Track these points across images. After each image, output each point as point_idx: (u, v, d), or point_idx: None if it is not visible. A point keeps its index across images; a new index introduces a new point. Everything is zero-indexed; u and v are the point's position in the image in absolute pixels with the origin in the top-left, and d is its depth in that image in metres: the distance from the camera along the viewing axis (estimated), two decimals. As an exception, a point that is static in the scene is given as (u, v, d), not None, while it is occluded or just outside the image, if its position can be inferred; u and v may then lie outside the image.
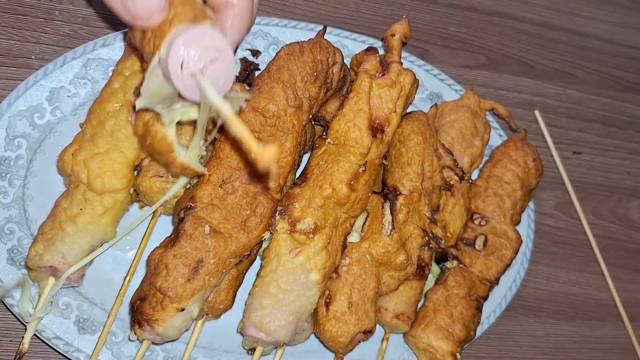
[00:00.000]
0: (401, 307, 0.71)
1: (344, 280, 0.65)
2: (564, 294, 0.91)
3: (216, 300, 0.62)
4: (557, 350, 0.88)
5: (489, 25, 0.98)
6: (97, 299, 0.65)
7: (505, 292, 0.81)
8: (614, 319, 0.93)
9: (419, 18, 0.93)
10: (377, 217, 0.67)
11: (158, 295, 0.58)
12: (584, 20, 1.07)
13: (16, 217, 0.63)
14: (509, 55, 0.98)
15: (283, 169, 0.63)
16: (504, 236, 0.75)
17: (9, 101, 0.64)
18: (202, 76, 0.48)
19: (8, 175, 0.64)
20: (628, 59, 1.08)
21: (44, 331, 0.62)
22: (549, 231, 0.92)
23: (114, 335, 0.64)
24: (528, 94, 0.98)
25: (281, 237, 0.62)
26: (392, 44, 0.70)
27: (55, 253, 0.59)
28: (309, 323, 0.65)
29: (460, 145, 0.77)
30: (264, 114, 0.62)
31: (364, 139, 0.64)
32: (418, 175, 0.68)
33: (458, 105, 0.80)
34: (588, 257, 0.94)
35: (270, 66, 0.64)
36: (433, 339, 0.70)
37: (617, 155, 1.02)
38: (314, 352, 0.71)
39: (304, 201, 0.62)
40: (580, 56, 1.04)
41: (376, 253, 0.65)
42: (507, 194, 0.77)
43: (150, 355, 0.65)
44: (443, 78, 0.84)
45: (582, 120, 1.01)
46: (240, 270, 0.64)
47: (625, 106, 1.06)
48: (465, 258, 0.74)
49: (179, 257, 0.58)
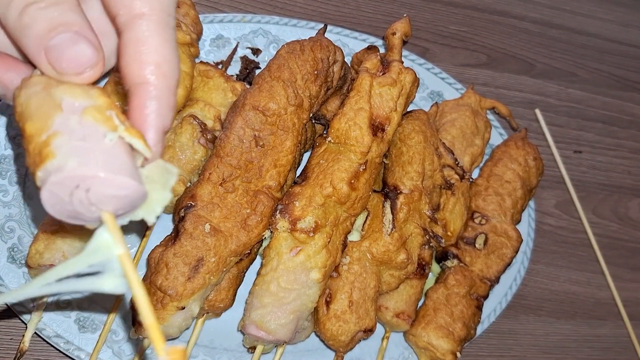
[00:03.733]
0: (401, 305, 0.71)
1: (344, 279, 0.65)
2: (564, 293, 0.91)
3: (216, 298, 0.62)
4: (557, 349, 0.88)
5: (489, 23, 0.98)
6: (97, 297, 0.65)
7: (506, 291, 0.81)
8: (614, 318, 0.93)
9: (420, 16, 0.93)
10: (378, 216, 0.67)
11: (158, 293, 0.58)
12: (585, 18, 1.07)
13: (16, 215, 0.63)
14: (509, 54, 0.98)
15: (283, 168, 0.63)
16: (505, 235, 0.75)
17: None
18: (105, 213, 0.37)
19: (8, 173, 0.64)
20: (629, 58, 1.08)
21: (45, 329, 0.62)
22: (550, 230, 0.92)
23: (114, 333, 0.64)
24: (529, 93, 0.98)
25: (282, 236, 0.62)
26: (392, 42, 0.70)
27: (55, 251, 0.59)
28: (309, 322, 0.65)
29: (461, 144, 0.77)
30: (265, 113, 0.62)
31: (365, 138, 0.64)
32: (419, 174, 0.68)
33: (459, 104, 0.80)
34: (588, 256, 0.94)
35: (270, 64, 0.64)
36: (433, 337, 0.70)
37: (617, 154, 1.02)
38: (314, 351, 0.71)
39: (305, 200, 0.61)
40: (581, 55, 1.04)
41: (377, 252, 0.65)
42: (508, 193, 0.77)
43: (151, 353, 0.65)
44: (444, 77, 0.84)
45: (582, 119, 1.01)
46: (241, 269, 0.64)
47: (626, 105, 1.05)
48: (465, 257, 0.74)
49: (180, 256, 0.58)
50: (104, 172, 0.36)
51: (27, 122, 0.38)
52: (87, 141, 0.37)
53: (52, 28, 0.39)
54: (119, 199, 0.38)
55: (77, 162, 0.36)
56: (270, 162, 0.62)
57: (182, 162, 0.64)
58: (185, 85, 0.63)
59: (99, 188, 0.37)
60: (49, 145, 0.36)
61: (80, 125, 0.37)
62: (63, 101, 0.38)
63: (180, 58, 0.63)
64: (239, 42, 0.75)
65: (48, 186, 0.36)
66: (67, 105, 0.38)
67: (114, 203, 0.38)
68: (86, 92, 0.39)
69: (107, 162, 0.37)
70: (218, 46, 0.73)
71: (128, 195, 0.38)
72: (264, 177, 0.62)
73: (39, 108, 0.38)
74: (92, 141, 0.37)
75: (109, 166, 0.37)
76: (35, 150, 0.37)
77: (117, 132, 0.38)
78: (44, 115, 0.38)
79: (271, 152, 0.62)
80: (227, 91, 0.67)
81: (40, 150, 0.36)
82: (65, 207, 0.37)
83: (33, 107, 0.38)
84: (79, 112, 0.38)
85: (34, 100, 0.39)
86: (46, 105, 0.38)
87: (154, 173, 0.41)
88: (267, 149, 0.62)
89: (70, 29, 0.39)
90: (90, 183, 0.36)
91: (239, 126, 0.61)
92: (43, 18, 0.39)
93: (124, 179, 0.37)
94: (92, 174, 0.36)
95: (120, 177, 0.37)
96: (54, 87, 0.39)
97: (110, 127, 0.38)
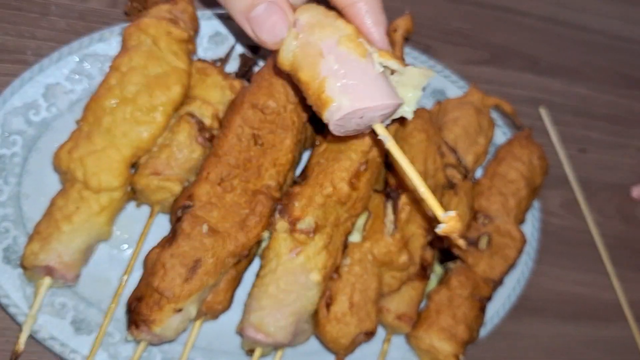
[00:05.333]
0: (403, 307, 0.70)
1: (345, 281, 0.64)
2: (569, 294, 0.90)
3: (214, 300, 0.62)
4: (562, 351, 0.88)
5: (493, 20, 0.97)
6: (93, 299, 0.64)
7: (509, 293, 0.80)
8: (620, 320, 0.92)
9: (422, 13, 0.92)
10: (379, 216, 0.66)
11: (155, 295, 0.57)
12: (590, 15, 1.06)
13: (11, 215, 0.63)
14: (513, 51, 0.97)
15: (283, 167, 0.62)
16: (508, 236, 0.74)
17: (4, 98, 0.64)
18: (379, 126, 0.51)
19: (3, 173, 0.63)
20: (635, 55, 1.07)
21: (40, 332, 0.61)
22: (554, 230, 0.91)
23: (110, 335, 0.63)
24: (533, 91, 0.97)
25: (281, 237, 0.61)
26: (394, 39, 0.70)
27: (51, 252, 0.59)
28: (309, 324, 0.64)
29: (464, 143, 0.76)
30: (264, 111, 0.61)
31: (366, 137, 0.63)
32: (421, 173, 0.68)
33: (462, 102, 0.79)
34: (593, 257, 0.93)
35: (269, 62, 0.63)
36: (436, 340, 0.69)
37: (623, 153, 1.01)
38: (314, 354, 0.70)
39: (304, 200, 0.61)
40: (586, 52, 1.03)
41: (378, 253, 0.65)
42: (512, 193, 0.76)
43: (148, 356, 0.64)
44: (446, 74, 0.83)
45: (588, 118, 1.00)
46: (239, 270, 0.63)
47: (632, 103, 1.04)
48: (468, 258, 0.73)
49: (177, 257, 0.57)
50: (372, 103, 0.47)
51: (300, 72, 0.49)
52: (350, 77, 0.48)
53: (251, 1, 0.49)
54: (384, 114, 0.50)
55: (350, 99, 0.47)
56: (270, 161, 0.61)
57: (180, 161, 0.63)
58: (183, 83, 0.63)
59: (370, 113, 0.49)
60: (324, 91, 0.48)
61: (339, 62, 0.48)
62: (322, 46, 0.48)
63: (178, 55, 0.63)
64: (238, 39, 0.74)
65: (334, 122, 0.49)
66: (325, 47, 0.48)
67: (381, 117, 0.50)
68: (334, 27, 0.49)
69: (372, 93, 0.48)
70: (216, 43, 0.73)
71: (391, 109, 0.50)
72: (263, 177, 0.61)
73: (305, 58, 0.49)
74: (354, 76, 0.48)
75: (374, 95, 0.48)
76: (314, 95, 0.49)
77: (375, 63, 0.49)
78: (311, 64, 0.48)
79: (270, 151, 0.61)
80: (226, 89, 0.66)
81: (319, 96, 0.48)
82: (346, 129, 0.51)
83: (300, 57, 0.49)
84: (335, 47, 0.48)
85: (300, 51, 0.49)
86: (311, 54, 0.48)
87: (404, 78, 0.51)
88: (266, 147, 0.61)
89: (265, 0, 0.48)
90: (363, 112, 0.48)
91: (237, 124, 0.61)
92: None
93: (387, 102, 0.48)
94: (364, 106, 0.47)
95: (384, 101, 0.48)
96: (311, 35, 0.49)
97: (361, 53, 0.48)
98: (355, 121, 0.50)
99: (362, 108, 0.48)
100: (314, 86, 0.48)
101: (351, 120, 0.49)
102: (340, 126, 0.50)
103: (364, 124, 0.51)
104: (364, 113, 0.48)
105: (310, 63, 0.48)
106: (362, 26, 0.51)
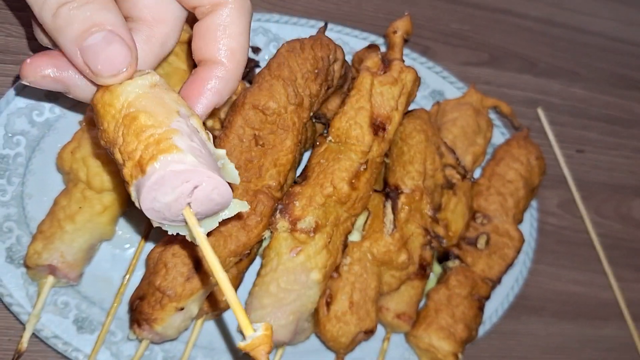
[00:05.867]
0: (402, 306, 0.70)
1: (345, 280, 0.65)
2: (567, 293, 0.90)
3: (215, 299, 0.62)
4: (560, 350, 0.88)
5: (491, 22, 0.98)
6: (95, 298, 0.64)
7: (508, 292, 0.80)
8: (617, 319, 0.92)
9: (421, 15, 0.93)
10: (379, 216, 0.67)
11: (157, 294, 0.57)
12: (588, 17, 1.06)
13: (15, 215, 0.63)
14: (511, 52, 0.98)
15: (283, 167, 0.62)
16: (507, 235, 0.75)
17: (8, 98, 0.64)
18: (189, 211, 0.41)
19: (7, 173, 0.63)
20: (632, 57, 1.07)
21: (43, 330, 0.61)
22: (552, 230, 0.92)
23: (112, 334, 0.64)
24: (531, 92, 0.97)
25: (281, 236, 0.62)
26: (393, 41, 0.70)
27: (54, 252, 0.59)
28: (309, 323, 0.65)
29: (463, 143, 0.76)
30: (264, 112, 0.61)
31: (366, 137, 0.63)
32: (420, 173, 0.68)
33: (460, 103, 0.80)
34: (591, 256, 0.93)
35: (270, 63, 0.63)
36: (435, 339, 0.70)
37: (620, 153, 1.02)
38: (314, 352, 0.70)
39: (305, 200, 0.61)
40: (583, 54, 1.04)
41: (377, 252, 0.65)
42: (510, 193, 0.77)
43: (150, 354, 0.65)
44: (445, 75, 0.84)
45: (585, 119, 1.00)
46: (240, 270, 0.64)
47: (629, 104, 1.05)
48: (467, 257, 0.74)
49: (179, 256, 0.58)
50: (215, 176, 0.40)
51: (142, 114, 0.41)
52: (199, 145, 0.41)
53: (85, 29, 0.40)
54: (210, 205, 0.42)
55: (197, 159, 0.40)
56: (270, 161, 0.62)
57: (181, 161, 0.63)
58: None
59: (207, 187, 0.40)
60: (170, 139, 0.40)
61: (192, 130, 0.41)
62: (178, 109, 0.42)
63: (179, 56, 0.63)
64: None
65: (163, 173, 0.39)
66: (181, 111, 0.42)
67: (205, 206, 0.42)
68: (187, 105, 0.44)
69: (217, 169, 0.41)
70: (218, 45, 0.73)
71: (219, 203, 0.42)
72: (263, 177, 0.61)
73: (156, 106, 0.41)
74: (202, 146, 0.41)
75: (217, 172, 0.41)
76: (150, 139, 0.40)
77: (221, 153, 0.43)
78: (162, 113, 0.41)
79: (271, 152, 0.62)
80: (227, 90, 0.66)
81: (159, 141, 0.40)
82: (159, 199, 0.40)
83: (149, 104, 0.41)
84: (188, 117, 0.42)
85: (148, 98, 0.42)
86: (163, 107, 0.42)
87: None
88: (267, 148, 0.62)
89: (103, 28, 0.40)
90: (202, 181, 0.40)
91: (238, 125, 0.61)
92: (76, 18, 0.40)
93: (223, 187, 0.41)
94: (208, 175, 0.40)
95: (224, 183, 0.41)
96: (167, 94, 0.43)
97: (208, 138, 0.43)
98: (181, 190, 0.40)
99: (204, 175, 0.40)
100: (154, 131, 0.40)
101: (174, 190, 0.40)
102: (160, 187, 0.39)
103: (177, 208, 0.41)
104: (201, 183, 0.40)
105: (159, 112, 0.41)
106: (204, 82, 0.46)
